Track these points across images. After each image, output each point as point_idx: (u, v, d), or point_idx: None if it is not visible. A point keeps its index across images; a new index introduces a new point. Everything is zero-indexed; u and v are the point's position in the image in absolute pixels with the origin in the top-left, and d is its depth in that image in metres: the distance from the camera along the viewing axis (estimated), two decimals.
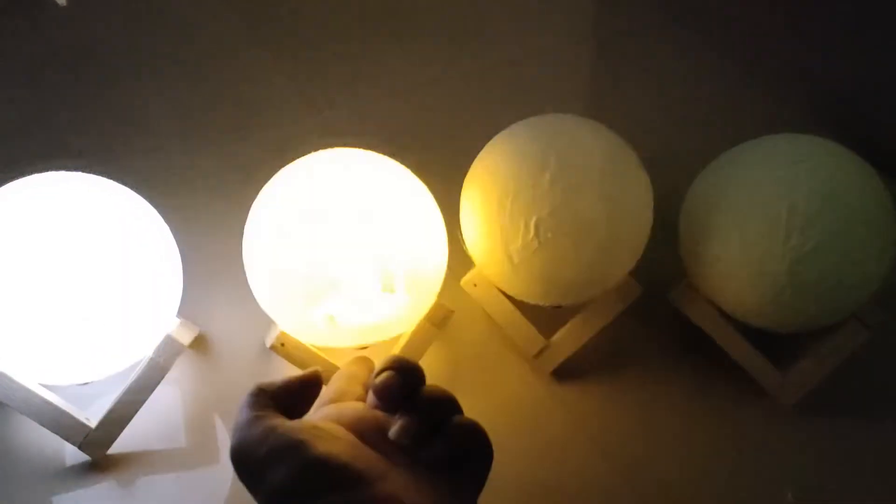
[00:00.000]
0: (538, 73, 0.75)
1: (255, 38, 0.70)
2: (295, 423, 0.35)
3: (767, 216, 0.54)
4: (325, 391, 0.42)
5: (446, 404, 0.37)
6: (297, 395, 0.39)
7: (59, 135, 0.67)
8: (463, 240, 0.61)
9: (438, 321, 0.60)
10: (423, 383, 0.37)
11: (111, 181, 0.56)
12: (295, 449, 0.32)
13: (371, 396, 0.39)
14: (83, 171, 0.55)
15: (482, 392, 0.64)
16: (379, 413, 0.38)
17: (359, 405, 0.39)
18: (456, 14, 0.73)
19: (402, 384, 0.36)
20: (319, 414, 0.38)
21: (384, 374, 0.37)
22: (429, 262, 0.56)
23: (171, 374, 0.60)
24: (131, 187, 0.57)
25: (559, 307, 0.62)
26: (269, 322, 0.62)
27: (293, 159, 0.57)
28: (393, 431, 0.36)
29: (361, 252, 0.53)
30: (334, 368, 0.58)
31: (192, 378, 0.65)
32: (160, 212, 0.58)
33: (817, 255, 0.53)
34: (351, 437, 0.35)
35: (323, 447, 0.33)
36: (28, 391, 0.55)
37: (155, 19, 0.69)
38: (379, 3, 0.73)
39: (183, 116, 0.70)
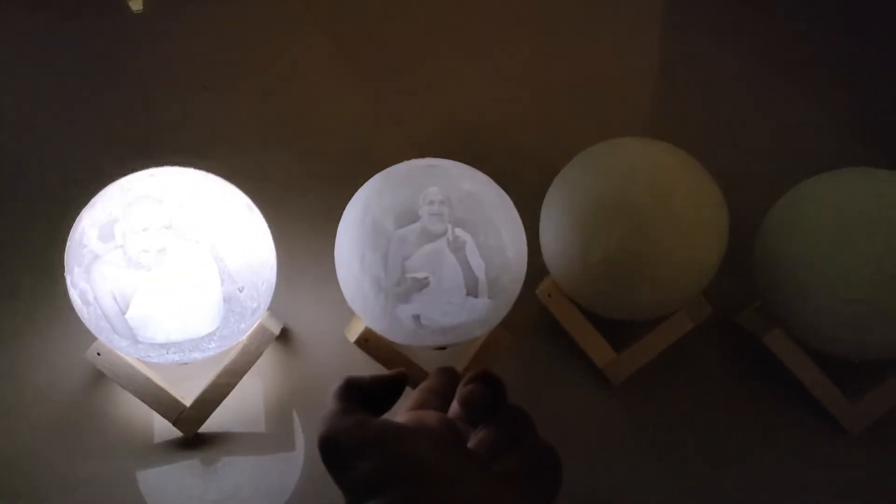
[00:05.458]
0: (611, 97, 0.77)
1: (336, 48, 0.74)
2: (383, 420, 0.36)
3: (848, 245, 0.55)
4: (408, 399, 0.44)
5: (526, 422, 0.39)
6: (384, 392, 0.40)
7: (158, 135, 0.72)
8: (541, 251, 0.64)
9: (514, 327, 0.62)
10: (506, 399, 0.39)
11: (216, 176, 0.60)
12: (383, 443, 0.34)
13: (455, 406, 0.40)
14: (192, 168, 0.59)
15: (549, 399, 0.66)
16: (459, 423, 0.39)
17: (440, 414, 0.40)
18: (530, 32, 0.77)
19: (488, 396, 0.38)
20: (401, 418, 0.40)
21: (472, 386, 0.38)
22: (511, 270, 0.58)
23: (256, 364, 0.63)
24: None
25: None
26: (349, 318, 0.66)
27: (382, 167, 0.60)
28: (473, 441, 0.38)
29: (448, 256, 0.55)
30: (415, 367, 0.60)
31: (273, 368, 0.68)
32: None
33: None
34: (431, 441, 0.36)
35: (409, 445, 0.34)
36: (132, 368, 0.59)
37: (241, 30, 0.74)
38: (455, 22, 0.77)
39: (275, 122, 0.74)
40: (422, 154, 0.61)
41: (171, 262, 0.53)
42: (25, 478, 0.62)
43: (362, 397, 0.38)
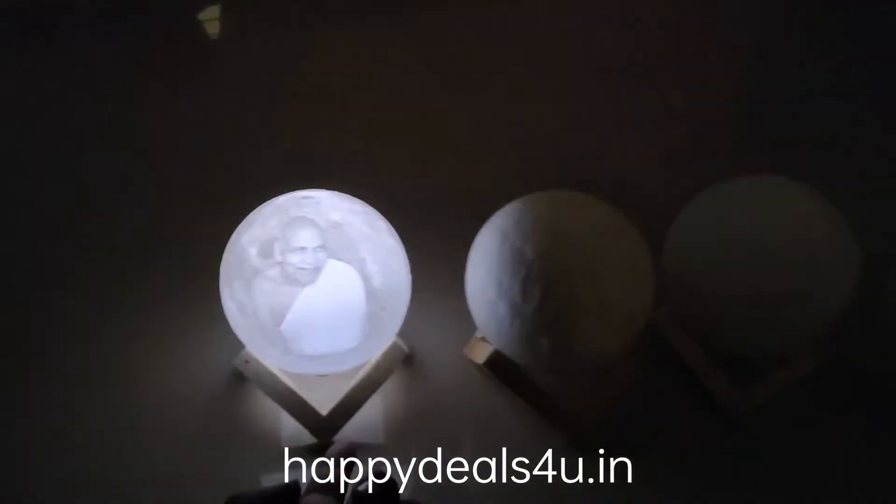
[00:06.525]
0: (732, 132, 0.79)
1: (462, 79, 0.80)
2: None
3: None
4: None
5: None
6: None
7: (302, 159, 0.77)
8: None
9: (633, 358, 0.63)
10: (398, 499, 0.40)
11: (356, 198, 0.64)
12: None
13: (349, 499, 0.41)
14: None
15: (664, 432, 0.67)
16: None
17: None
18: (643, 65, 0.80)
19: (381, 496, 0.39)
20: None
21: (366, 484, 0.40)
22: (641, 301, 0.59)
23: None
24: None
25: None
26: (466, 340, 0.68)
27: (521, 193, 0.63)
28: None
29: (572, 285, 0.57)
30: (538, 390, 0.62)
31: (394, 384, 0.71)
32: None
33: None
34: None
35: None
36: (275, 378, 0.62)
37: (374, 60, 0.80)
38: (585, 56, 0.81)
39: (410, 150, 0.79)
40: (543, 186, 0.63)
41: (324, 280, 0.57)
42: (161, 479, 0.66)
43: None
